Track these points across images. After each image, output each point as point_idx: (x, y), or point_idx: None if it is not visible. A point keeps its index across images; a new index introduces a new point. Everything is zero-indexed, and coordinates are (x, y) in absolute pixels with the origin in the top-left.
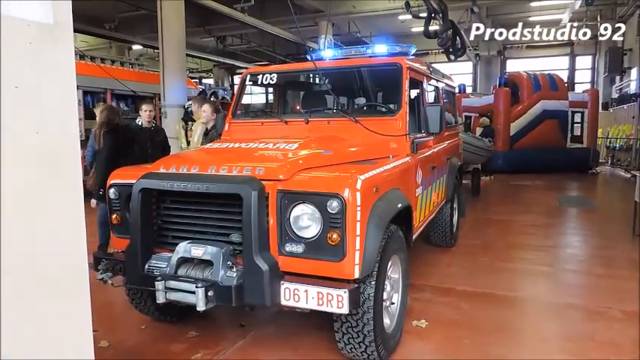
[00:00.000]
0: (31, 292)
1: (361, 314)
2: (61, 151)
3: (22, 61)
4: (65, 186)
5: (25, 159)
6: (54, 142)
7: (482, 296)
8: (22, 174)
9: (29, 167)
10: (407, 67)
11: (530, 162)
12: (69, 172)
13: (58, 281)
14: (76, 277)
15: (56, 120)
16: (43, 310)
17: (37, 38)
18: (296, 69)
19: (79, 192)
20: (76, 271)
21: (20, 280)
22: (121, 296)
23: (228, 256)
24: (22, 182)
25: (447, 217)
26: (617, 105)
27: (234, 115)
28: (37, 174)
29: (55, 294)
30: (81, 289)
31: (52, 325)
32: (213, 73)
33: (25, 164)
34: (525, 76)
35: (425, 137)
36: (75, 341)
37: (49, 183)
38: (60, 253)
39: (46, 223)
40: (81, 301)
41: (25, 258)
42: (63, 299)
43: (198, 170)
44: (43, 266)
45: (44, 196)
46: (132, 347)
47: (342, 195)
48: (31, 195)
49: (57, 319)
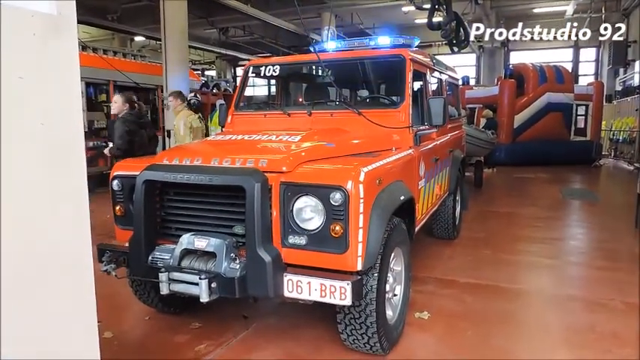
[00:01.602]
0: (33, 287)
1: (364, 306)
2: (66, 142)
3: (27, 52)
4: (69, 178)
5: (29, 150)
6: (58, 134)
7: (485, 288)
8: (26, 165)
9: (33, 158)
10: (410, 58)
11: (534, 155)
12: (73, 164)
13: (61, 276)
14: (80, 272)
15: (61, 111)
16: (45, 307)
17: (41, 29)
18: (299, 61)
19: (83, 184)
20: (80, 265)
21: (22, 275)
22: (125, 287)
23: (232, 248)
24: (26, 174)
25: (450, 210)
26: (621, 97)
27: (236, 107)
28: (41, 165)
29: (58, 289)
30: (85, 283)
31: (56, 322)
32: (216, 64)
33: (29, 155)
34: (531, 68)
35: (428, 129)
36: (79, 339)
37: (53, 175)
38: (64, 247)
39: (50, 216)
40: (85, 297)
41: (28, 252)
42: (66, 294)
43: (202, 162)
44: (46, 260)
45: (48, 188)
46: (136, 338)
47: (345, 187)
48: (35, 187)
49: (60, 316)
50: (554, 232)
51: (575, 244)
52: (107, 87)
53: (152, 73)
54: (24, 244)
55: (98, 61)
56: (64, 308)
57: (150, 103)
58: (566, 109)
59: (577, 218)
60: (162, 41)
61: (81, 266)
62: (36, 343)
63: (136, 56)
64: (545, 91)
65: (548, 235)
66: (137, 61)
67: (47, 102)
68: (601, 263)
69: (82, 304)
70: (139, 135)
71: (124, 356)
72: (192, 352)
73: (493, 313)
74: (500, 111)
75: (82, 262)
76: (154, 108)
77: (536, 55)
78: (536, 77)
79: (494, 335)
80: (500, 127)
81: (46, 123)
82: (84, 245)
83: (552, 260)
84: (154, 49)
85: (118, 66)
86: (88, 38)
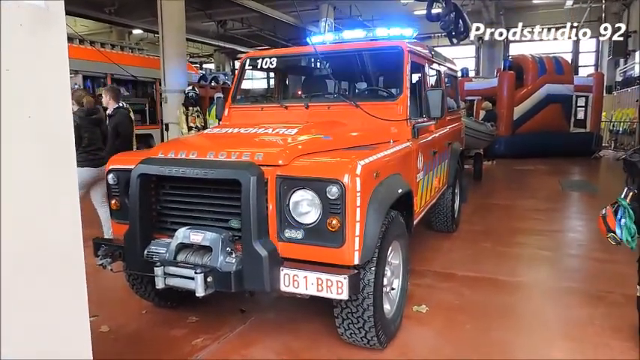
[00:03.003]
0: (24, 282)
1: (361, 300)
2: (55, 135)
3: (13, 43)
4: (59, 171)
5: (17, 143)
6: (47, 127)
7: (483, 281)
8: (14, 159)
9: (21, 152)
10: (408, 50)
11: (533, 147)
12: (62, 157)
13: (53, 270)
14: (72, 266)
15: (49, 105)
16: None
17: (28, 20)
18: (296, 53)
19: (73, 177)
20: (72, 259)
21: (14, 269)
22: (122, 281)
23: (228, 242)
24: (14, 167)
25: (449, 203)
26: (621, 88)
27: (233, 100)
28: (30, 159)
29: (49, 283)
30: (77, 278)
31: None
32: (214, 57)
33: (17, 149)
34: (530, 59)
35: (426, 122)
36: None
37: (41, 168)
38: (54, 240)
39: (39, 210)
40: (77, 292)
41: (19, 246)
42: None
43: (197, 156)
44: (37, 254)
45: (37, 181)
46: (132, 332)
47: (342, 180)
48: (24, 181)
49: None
50: (553, 224)
51: (575, 236)
52: (105, 80)
53: (150, 66)
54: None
55: (96, 54)
56: (56, 308)
57: (148, 96)
58: (565, 101)
59: (576, 210)
60: (160, 34)
61: (73, 260)
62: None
63: (134, 49)
64: (544, 82)
65: (547, 227)
66: (135, 54)
67: (35, 95)
68: (600, 255)
69: (74, 303)
70: (90, 132)
71: (121, 350)
72: (189, 346)
73: (492, 307)
74: (500, 103)
75: (74, 254)
76: (152, 101)
77: (536, 46)
78: (535, 69)
79: (493, 329)
80: (500, 119)
81: (34, 116)
82: (75, 239)
83: (552, 252)
84: (152, 42)
85: (115, 59)
86: (85, 31)
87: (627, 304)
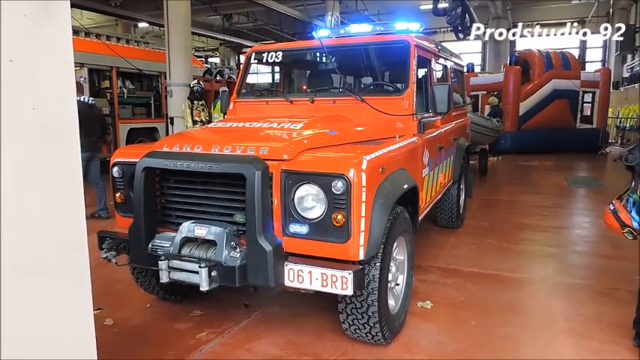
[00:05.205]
0: (27, 275)
1: (366, 296)
2: (59, 127)
3: (17, 34)
4: (63, 162)
5: (22, 135)
6: (51, 118)
7: (489, 277)
8: (19, 150)
9: (26, 143)
10: (414, 44)
11: (539, 143)
12: (66, 149)
13: (56, 262)
14: (76, 258)
15: (53, 96)
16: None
17: (31, 11)
18: (301, 47)
19: (77, 169)
20: (76, 250)
21: (16, 261)
22: (127, 274)
23: (232, 237)
24: (19, 159)
25: (454, 198)
26: (629, 84)
27: (238, 94)
28: (34, 150)
29: (53, 276)
30: (81, 271)
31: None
32: (220, 51)
33: (21, 140)
34: (537, 54)
35: (432, 117)
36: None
37: (46, 159)
38: (58, 232)
39: (43, 202)
40: (81, 285)
41: (22, 238)
42: (62, 280)
43: (202, 149)
44: (40, 246)
45: (41, 173)
46: (137, 325)
47: (347, 175)
48: (28, 172)
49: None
50: (559, 220)
51: (581, 232)
52: (110, 73)
53: (155, 59)
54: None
55: (101, 47)
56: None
57: (153, 90)
58: (572, 96)
59: (582, 206)
60: (166, 28)
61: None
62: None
63: (140, 43)
64: (551, 77)
65: (553, 223)
66: (140, 48)
67: (39, 86)
68: (606, 252)
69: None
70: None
71: (125, 343)
72: (193, 340)
73: (497, 303)
74: (506, 98)
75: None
76: (157, 95)
77: (543, 41)
78: (541, 63)
79: (498, 325)
80: (506, 114)
81: (38, 107)
82: (78, 230)
83: (557, 249)
84: (158, 35)
85: (121, 52)
86: (91, 24)
87: (634, 301)
